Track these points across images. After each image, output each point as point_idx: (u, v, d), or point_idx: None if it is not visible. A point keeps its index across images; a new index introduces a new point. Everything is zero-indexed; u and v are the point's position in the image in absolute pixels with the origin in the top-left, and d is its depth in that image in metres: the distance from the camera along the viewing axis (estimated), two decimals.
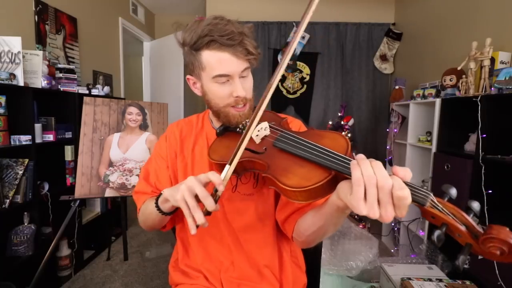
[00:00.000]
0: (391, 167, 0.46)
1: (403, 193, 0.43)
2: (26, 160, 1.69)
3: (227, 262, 0.83)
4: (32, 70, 1.83)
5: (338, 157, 0.52)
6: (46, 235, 1.92)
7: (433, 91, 2.22)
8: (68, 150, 2.13)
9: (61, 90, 2.07)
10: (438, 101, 1.98)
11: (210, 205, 0.55)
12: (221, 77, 0.71)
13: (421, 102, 2.29)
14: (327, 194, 0.54)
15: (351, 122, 3.06)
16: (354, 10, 3.39)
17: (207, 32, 0.67)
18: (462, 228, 0.43)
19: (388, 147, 2.76)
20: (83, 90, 2.27)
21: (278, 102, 3.45)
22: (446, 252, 1.81)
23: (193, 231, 0.56)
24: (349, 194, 0.47)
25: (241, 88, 0.71)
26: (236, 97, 0.72)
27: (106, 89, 2.53)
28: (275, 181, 0.56)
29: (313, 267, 0.98)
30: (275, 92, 3.38)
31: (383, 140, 3.09)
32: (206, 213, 0.57)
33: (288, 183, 0.54)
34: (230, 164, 0.59)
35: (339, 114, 3.13)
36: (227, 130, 0.77)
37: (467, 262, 1.61)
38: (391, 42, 3.32)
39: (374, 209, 0.44)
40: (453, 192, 0.46)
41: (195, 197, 0.57)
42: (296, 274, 0.88)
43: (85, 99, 1.99)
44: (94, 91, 2.39)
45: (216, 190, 0.57)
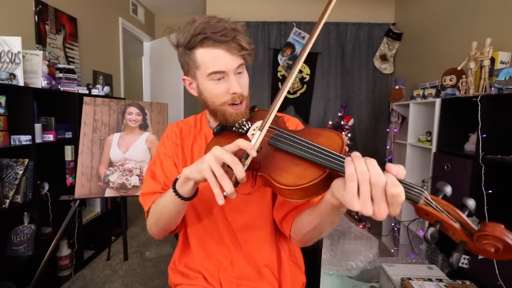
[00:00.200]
0: (385, 165, 0.46)
1: (397, 190, 0.43)
2: (26, 160, 1.69)
3: (226, 262, 0.83)
4: (32, 70, 1.84)
5: (333, 155, 0.52)
6: (46, 235, 1.92)
7: (433, 91, 2.21)
8: (68, 150, 2.13)
9: (61, 90, 2.07)
10: (438, 101, 1.98)
11: (240, 172, 0.53)
12: (216, 74, 0.70)
13: (421, 102, 2.29)
14: (322, 192, 0.54)
15: (351, 122, 3.06)
16: (354, 10, 3.39)
17: (200, 30, 0.68)
18: (456, 226, 0.43)
19: (388, 147, 2.76)
20: (83, 90, 2.27)
21: None
22: (446, 252, 1.81)
23: (221, 201, 0.54)
24: (343, 190, 0.47)
25: (237, 85, 0.71)
26: (233, 94, 0.72)
27: (106, 89, 2.54)
28: (270, 180, 0.56)
29: (313, 267, 0.98)
30: (275, 92, 3.39)
31: (383, 140, 3.09)
32: (235, 184, 0.55)
33: (283, 182, 0.54)
34: (261, 131, 0.58)
35: (339, 114, 3.13)
36: (224, 130, 0.77)
37: (467, 262, 1.61)
38: (391, 42, 3.32)
39: (367, 206, 0.44)
40: (448, 190, 0.45)
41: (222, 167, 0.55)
42: (295, 273, 0.87)
43: (85, 99, 2.00)
44: (94, 91, 2.39)
45: (246, 157, 0.56)
